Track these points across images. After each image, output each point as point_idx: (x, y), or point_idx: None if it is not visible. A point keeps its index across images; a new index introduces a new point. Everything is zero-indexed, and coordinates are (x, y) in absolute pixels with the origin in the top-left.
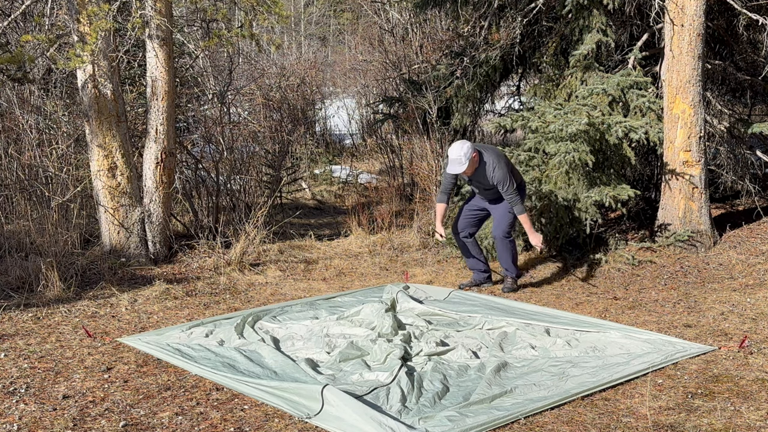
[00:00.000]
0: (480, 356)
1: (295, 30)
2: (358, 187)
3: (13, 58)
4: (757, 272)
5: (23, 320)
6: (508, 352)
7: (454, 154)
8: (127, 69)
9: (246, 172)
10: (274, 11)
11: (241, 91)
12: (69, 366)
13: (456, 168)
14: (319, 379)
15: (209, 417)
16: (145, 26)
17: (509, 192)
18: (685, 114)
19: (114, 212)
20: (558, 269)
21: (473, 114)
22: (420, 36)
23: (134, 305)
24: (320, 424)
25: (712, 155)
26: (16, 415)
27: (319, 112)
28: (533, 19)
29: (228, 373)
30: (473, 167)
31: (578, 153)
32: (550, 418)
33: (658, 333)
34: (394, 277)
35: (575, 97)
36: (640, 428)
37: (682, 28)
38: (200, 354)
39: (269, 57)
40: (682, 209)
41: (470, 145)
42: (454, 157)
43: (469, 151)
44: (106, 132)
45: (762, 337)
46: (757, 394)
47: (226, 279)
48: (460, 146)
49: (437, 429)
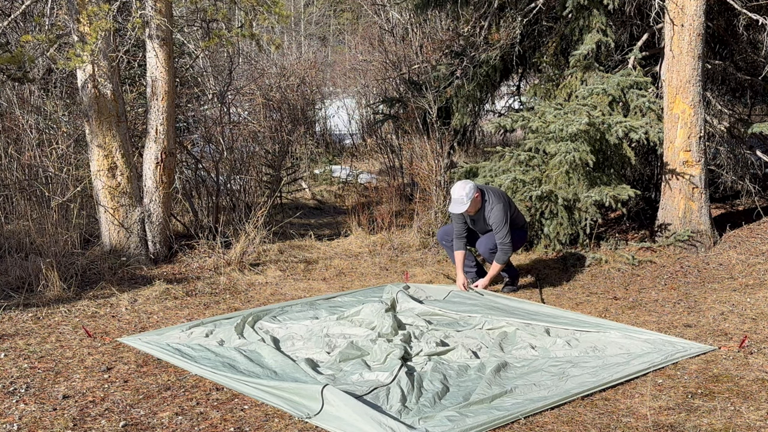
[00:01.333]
0: (480, 356)
1: (295, 30)
2: (358, 187)
3: (13, 58)
4: (757, 272)
5: (23, 320)
6: (508, 352)
7: (456, 194)
8: (127, 69)
9: (246, 172)
10: (274, 11)
11: (241, 91)
12: (69, 366)
13: (458, 207)
14: (319, 379)
15: (209, 417)
16: (145, 26)
17: (503, 236)
18: (685, 114)
19: (114, 212)
20: (558, 269)
21: (473, 114)
22: (420, 36)
23: (134, 305)
24: (320, 424)
25: (712, 155)
26: (16, 415)
27: (319, 112)
28: (533, 19)
29: (228, 373)
30: (475, 207)
31: (578, 153)
32: (550, 418)
33: (658, 333)
34: (394, 277)
35: (575, 97)
36: (640, 428)
37: (682, 28)
38: (200, 354)
39: (269, 57)
40: (682, 209)
41: (473, 184)
42: (456, 197)
43: (471, 191)
44: (106, 132)
45: (762, 337)
46: (757, 394)
47: (226, 279)
48: (462, 186)
49: (437, 429)
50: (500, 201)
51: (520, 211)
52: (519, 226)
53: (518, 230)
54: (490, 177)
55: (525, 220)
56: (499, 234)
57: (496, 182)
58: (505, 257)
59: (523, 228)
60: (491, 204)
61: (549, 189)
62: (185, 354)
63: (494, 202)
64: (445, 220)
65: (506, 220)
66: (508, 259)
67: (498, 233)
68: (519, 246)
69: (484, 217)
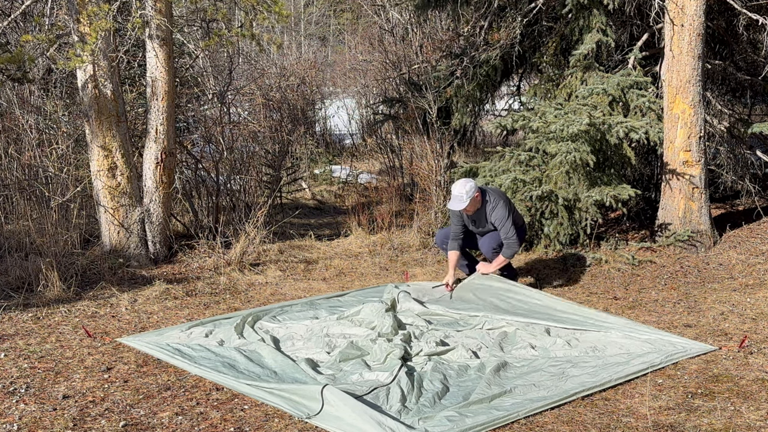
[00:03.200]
0: (480, 356)
1: (295, 30)
2: (358, 187)
3: (13, 58)
4: (757, 272)
5: (23, 320)
6: (508, 352)
7: (456, 191)
8: (127, 69)
9: (246, 172)
10: (274, 11)
11: (241, 91)
12: (69, 366)
13: (457, 204)
14: (319, 380)
15: (209, 417)
16: (145, 26)
17: (507, 231)
18: (685, 114)
19: (114, 212)
20: (558, 269)
21: (473, 114)
22: (420, 36)
23: (134, 305)
24: (320, 424)
25: (712, 155)
26: (16, 415)
27: (319, 112)
28: (533, 19)
29: (228, 373)
30: (474, 206)
31: (579, 153)
32: (550, 418)
33: (660, 330)
34: (394, 277)
35: (575, 97)
36: (640, 428)
37: (682, 28)
38: (200, 354)
39: (269, 57)
40: (682, 209)
41: (474, 183)
42: (456, 194)
43: (472, 190)
44: (106, 132)
45: (762, 337)
46: (757, 394)
47: (226, 279)
48: (463, 184)
49: (437, 429)
50: (501, 199)
51: (518, 212)
52: (518, 226)
53: (518, 229)
54: (490, 177)
55: (524, 221)
56: (503, 229)
57: (496, 182)
58: (511, 252)
59: (522, 228)
60: (493, 203)
61: (549, 189)
62: (185, 354)
63: (496, 201)
64: (445, 220)
65: (509, 216)
66: (513, 255)
67: (502, 229)
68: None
69: (486, 217)
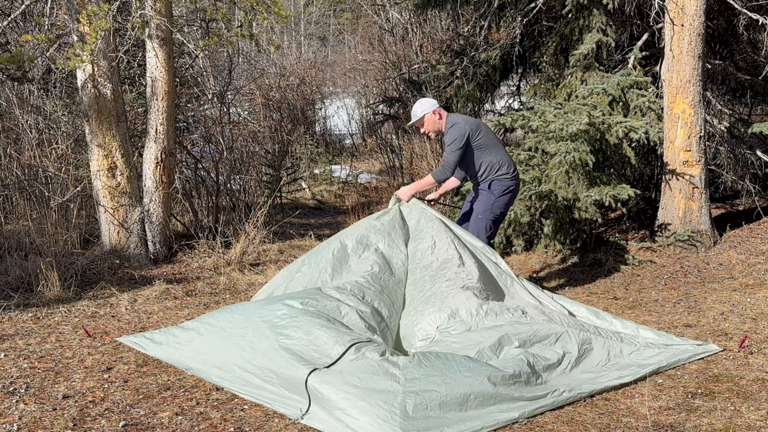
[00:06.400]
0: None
1: (295, 30)
2: (358, 187)
3: (12, 57)
4: (757, 272)
5: (23, 320)
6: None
7: (414, 107)
8: (127, 69)
9: (246, 172)
10: (273, 11)
11: (240, 91)
12: (69, 366)
13: (410, 121)
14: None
15: (209, 417)
16: (145, 26)
17: (447, 156)
18: (685, 114)
19: (114, 212)
20: (558, 269)
21: (473, 114)
22: (420, 36)
23: (134, 305)
24: (314, 425)
25: (712, 155)
26: (16, 415)
27: (319, 112)
28: (533, 18)
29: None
30: (432, 126)
31: (578, 153)
32: (550, 418)
33: (679, 339)
34: None
35: (575, 97)
36: (640, 428)
37: (682, 28)
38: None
39: (269, 57)
40: (682, 209)
41: (435, 102)
42: (411, 111)
43: (429, 107)
44: (106, 132)
45: (762, 337)
46: (757, 394)
47: (226, 279)
48: (425, 101)
49: (435, 429)
50: (466, 123)
51: (505, 152)
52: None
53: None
54: None
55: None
56: (444, 153)
57: None
58: (441, 172)
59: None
60: (450, 124)
61: (549, 189)
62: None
63: (455, 122)
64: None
65: (460, 143)
66: (441, 179)
67: (447, 145)
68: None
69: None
